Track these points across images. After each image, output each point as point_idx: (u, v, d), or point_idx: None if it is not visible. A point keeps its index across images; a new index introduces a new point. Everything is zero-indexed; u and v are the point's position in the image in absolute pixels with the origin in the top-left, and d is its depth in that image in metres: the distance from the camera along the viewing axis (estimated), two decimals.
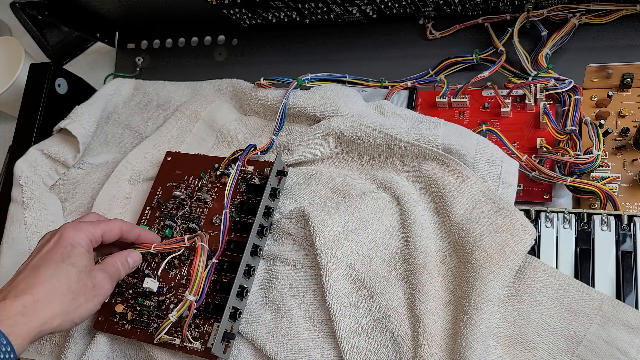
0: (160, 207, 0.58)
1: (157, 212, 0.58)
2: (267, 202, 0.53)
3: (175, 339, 0.50)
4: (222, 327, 0.48)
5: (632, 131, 0.53)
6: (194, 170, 0.59)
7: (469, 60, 0.61)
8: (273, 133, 0.59)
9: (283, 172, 0.55)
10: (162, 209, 0.58)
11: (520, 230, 0.45)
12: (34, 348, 0.58)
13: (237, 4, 0.65)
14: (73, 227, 0.48)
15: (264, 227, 0.53)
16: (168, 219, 0.56)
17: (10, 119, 0.82)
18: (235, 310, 0.49)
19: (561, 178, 0.49)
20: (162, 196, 0.58)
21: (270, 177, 0.53)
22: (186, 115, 0.65)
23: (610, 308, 0.42)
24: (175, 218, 0.57)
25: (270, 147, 0.58)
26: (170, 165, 0.60)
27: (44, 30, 0.79)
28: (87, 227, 0.48)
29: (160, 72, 0.76)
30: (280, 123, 0.59)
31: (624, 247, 0.46)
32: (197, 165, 0.59)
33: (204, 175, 0.58)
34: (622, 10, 0.57)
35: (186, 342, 0.49)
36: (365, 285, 0.48)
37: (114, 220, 0.51)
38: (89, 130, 0.67)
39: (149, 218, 0.58)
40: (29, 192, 0.63)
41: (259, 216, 0.52)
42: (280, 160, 0.55)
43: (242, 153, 0.55)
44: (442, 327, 0.45)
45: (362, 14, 0.66)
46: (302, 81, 0.60)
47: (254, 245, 0.52)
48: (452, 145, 0.51)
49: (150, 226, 0.57)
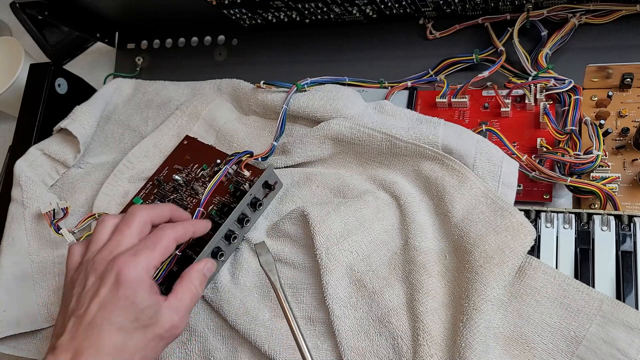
0: (160, 185, 0.59)
1: (155, 189, 0.59)
2: (244, 209, 0.52)
3: None
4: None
5: (632, 131, 0.53)
6: (201, 160, 0.59)
7: (469, 60, 0.61)
8: (274, 139, 0.59)
9: (271, 186, 0.54)
10: (160, 187, 0.59)
11: (520, 231, 0.45)
12: (34, 347, 0.58)
13: (237, 4, 0.65)
14: (130, 262, 0.41)
15: (232, 233, 0.52)
16: (160, 199, 0.57)
17: (10, 119, 0.82)
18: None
19: (561, 178, 0.49)
20: (165, 176, 0.59)
21: (255, 185, 0.53)
22: (186, 114, 0.65)
23: (610, 308, 0.42)
24: (166, 200, 0.57)
25: (270, 153, 0.58)
26: (184, 149, 0.61)
27: (44, 30, 0.79)
28: (145, 257, 0.42)
29: (160, 72, 0.76)
30: (280, 129, 0.59)
31: (624, 247, 0.46)
32: (205, 155, 0.59)
33: (206, 167, 0.58)
34: (622, 10, 0.57)
35: None
36: (365, 286, 0.48)
37: (164, 235, 0.44)
38: (89, 130, 0.67)
39: (147, 193, 0.59)
40: (29, 192, 0.63)
41: (230, 220, 0.51)
42: (272, 173, 0.54)
43: (235, 157, 0.55)
44: (441, 327, 0.45)
45: (362, 14, 0.66)
46: (301, 86, 0.60)
47: (216, 247, 0.51)
48: (452, 146, 0.51)
49: (145, 201, 0.58)
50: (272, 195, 0.56)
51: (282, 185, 0.56)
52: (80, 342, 0.39)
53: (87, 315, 0.39)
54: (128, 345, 0.39)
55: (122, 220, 0.45)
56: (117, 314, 0.39)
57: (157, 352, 0.42)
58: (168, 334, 0.42)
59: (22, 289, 0.59)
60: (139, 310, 0.40)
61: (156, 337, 0.41)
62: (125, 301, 0.40)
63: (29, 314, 0.58)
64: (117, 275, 0.40)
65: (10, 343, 0.58)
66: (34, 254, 0.61)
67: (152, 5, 0.73)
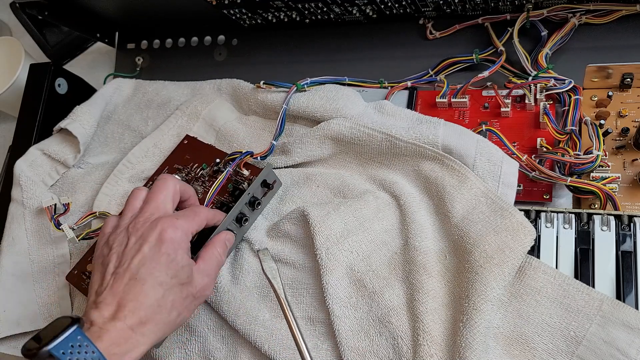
0: None
1: None
2: (242, 208, 0.52)
3: None
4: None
5: (632, 131, 0.53)
6: (200, 159, 0.59)
7: (469, 60, 0.61)
8: (273, 138, 0.59)
9: (270, 185, 0.54)
10: None
11: (520, 231, 0.45)
12: None
13: (237, 4, 0.65)
14: (173, 223, 0.43)
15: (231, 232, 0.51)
16: None
17: (10, 119, 0.82)
18: None
19: (561, 178, 0.49)
20: None
21: (253, 184, 0.53)
22: (187, 114, 0.65)
23: (610, 308, 0.42)
24: None
25: (270, 152, 0.58)
26: (184, 149, 0.61)
27: (44, 30, 0.79)
28: (185, 222, 0.44)
29: (160, 72, 0.76)
30: (280, 128, 0.59)
31: (624, 247, 0.46)
32: (205, 155, 0.59)
33: (206, 167, 0.58)
34: (622, 10, 0.57)
35: None
36: (365, 286, 0.48)
37: (201, 211, 0.47)
38: (89, 130, 0.67)
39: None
40: (29, 191, 0.63)
41: (228, 219, 0.51)
42: (271, 172, 0.54)
43: (238, 157, 0.55)
44: (441, 327, 0.45)
45: (362, 14, 0.66)
46: (301, 86, 0.60)
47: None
48: (452, 146, 0.51)
49: None
50: (271, 194, 0.56)
51: (281, 184, 0.56)
52: (123, 295, 0.40)
53: (129, 271, 0.41)
54: (166, 300, 0.42)
55: (155, 186, 0.47)
56: (159, 270, 0.42)
57: (190, 311, 0.44)
58: (199, 294, 0.45)
59: (22, 289, 0.59)
60: (179, 268, 0.43)
61: (190, 295, 0.44)
62: (167, 258, 0.42)
63: (29, 314, 0.58)
64: (160, 234, 0.43)
65: (10, 343, 0.59)
66: (34, 254, 0.61)
67: (152, 5, 0.73)
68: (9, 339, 0.58)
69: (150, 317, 0.40)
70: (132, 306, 0.40)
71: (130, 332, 0.39)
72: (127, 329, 0.39)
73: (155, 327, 0.41)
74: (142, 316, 0.40)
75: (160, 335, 0.42)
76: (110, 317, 0.39)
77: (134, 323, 0.40)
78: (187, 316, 0.44)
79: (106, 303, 0.40)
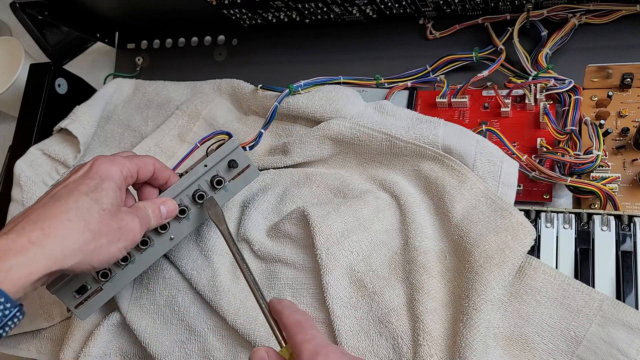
0: None
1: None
2: (201, 183, 0.50)
3: None
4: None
5: (632, 131, 0.53)
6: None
7: (468, 58, 0.61)
8: (262, 127, 0.58)
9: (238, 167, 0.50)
10: None
11: (520, 231, 0.45)
12: (34, 347, 0.58)
13: (237, 4, 0.65)
14: (107, 159, 0.42)
15: (185, 208, 0.49)
16: None
17: (10, 119, 0.82)
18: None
19: (561, 178, 0.49)
20: None
21: (213, 155, 0.49)
22: (187, 114, 0.65)
23: (610, 308, 0.42)
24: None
25: (257, 141, 0.57)
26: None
27: (44, 30, 0.79)
28: (122, 161, 0.43)
29: (160, 72, 0.76)
30: (269, 119, 0.58)
31: (624, 247, 0.46)
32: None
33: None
34: (622, 10, 0.57)
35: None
36: (365, 286, 0.48)
37: (148, 156, 0.46)
38: (89, 130, 0.67)
39: None
40: (29, 192, 0.63)
41: (178, 186, 0.49)
42: (239, 151, 0.50)
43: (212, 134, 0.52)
44: (441, 327, 0.45)
45: (362, 14, 0.66)
46: (294, 89, 0.59)
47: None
48: (452, 145, 0.51)
49: None
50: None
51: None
52: (32, 212, 0.38)
53: (49, 195, 0.40)
54: (80, 218, 0.39)
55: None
56: (79, 190, 0.40)
57: (111, 243, 0.40)
58: (125, 229, 0.41)
59: None
60: (103, 193, 0.40)
61: (111, 225, 0.40)
62: (92, 182, 0.41)
63: (29, 314, 0.58)
64: (91, 164, 0.42)
65: (10, 343, 0.59)
66: None
67: (152, 5, 0.73)
68: (9, 339, 0.58)
69: (54, 231, 0.37)
70: (35, 217, 0.37)
71: (27, 244, 0.36)
72: (22, 239, 0.36)
73: (62, 241, 0.37)
74: (44, 227, 0.37)
75: (67, 254, 0.38)
76: (6, 231, 0.37)
77: (33, 235, 0.36)
78: (109, 251, 0.40)
79: (12, 222, 0.38)
